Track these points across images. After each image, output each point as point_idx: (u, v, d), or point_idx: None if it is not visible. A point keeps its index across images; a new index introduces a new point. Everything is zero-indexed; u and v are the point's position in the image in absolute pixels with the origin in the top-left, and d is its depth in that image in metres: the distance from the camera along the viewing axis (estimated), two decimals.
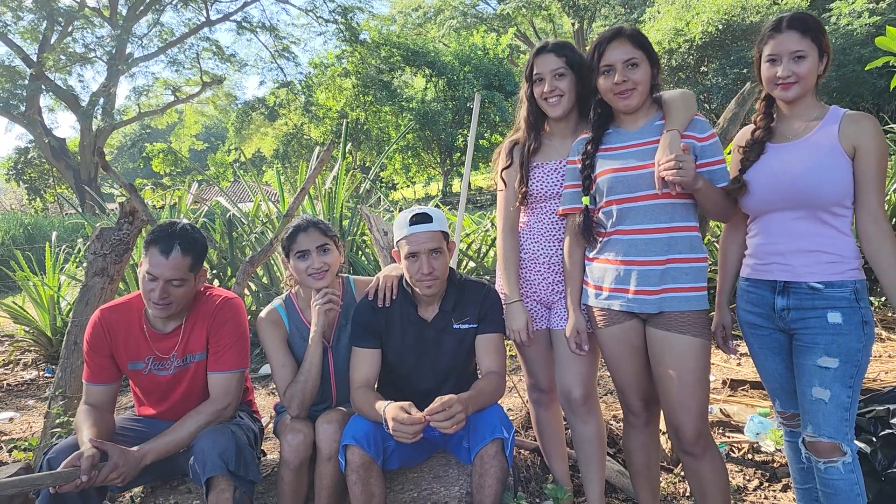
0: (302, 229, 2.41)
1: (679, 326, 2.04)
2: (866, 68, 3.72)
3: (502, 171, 2.48)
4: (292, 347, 2.49)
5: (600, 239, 2.16)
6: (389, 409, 2.09)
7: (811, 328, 1.92)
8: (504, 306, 2.42)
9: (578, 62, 2.28)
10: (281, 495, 2.29)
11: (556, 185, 2.36)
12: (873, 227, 1.90)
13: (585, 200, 2.16)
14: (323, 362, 2.41)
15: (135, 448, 2.10)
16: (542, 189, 2.38)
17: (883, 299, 4.99)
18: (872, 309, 4.94)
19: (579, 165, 2.20)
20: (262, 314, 2.49)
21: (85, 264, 3.71)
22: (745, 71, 16.48)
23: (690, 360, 2.03)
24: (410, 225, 2.27)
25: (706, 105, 17.71)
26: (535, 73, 2.32)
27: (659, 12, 18.63)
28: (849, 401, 1.88)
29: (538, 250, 2.41)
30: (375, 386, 2.44)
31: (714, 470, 2.10)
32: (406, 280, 2.39)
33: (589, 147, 2.18)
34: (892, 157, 5.78)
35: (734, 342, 2.29)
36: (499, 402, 2.34)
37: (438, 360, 2.39)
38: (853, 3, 14.66)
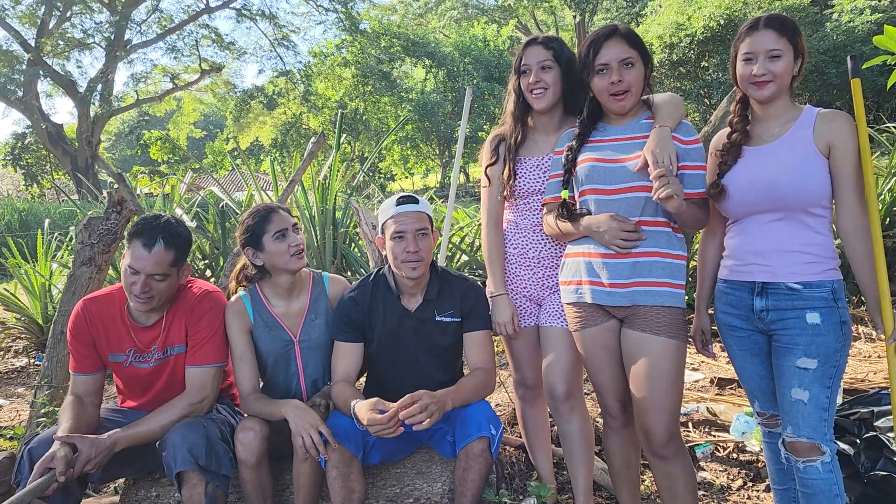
0: (272, 210, 2.40)
1: (654, 327, 2.02)
2: (863, 67, 3.68)
3: (486, 167, 2.48)
4: (256, 338, 2.45)
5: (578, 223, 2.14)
6: (359, 408, 2.08)
7: (790, 329, 1.92)
8: (490, 300, 2.42)
9: (567, 58, 2.29)
10: (246, 495, 2.26)
11: (538, 181, 2.36)
12: (852, 225, 1.91)
13: (564, 194, 2.16)
14: (290, 356, 2.45)
15: (105, 435, 2.09)
16: (524, 184, 2.38)
17: None
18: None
19: (564, 155, 2.20)
20: (229, 302, 2.47)
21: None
22: None
23: (664, 363, 2.02)
24: (397, 205, 2.29)
25: (706, 100, 17.62)
26: (522, 63, 2.33)
27: (660, 6, 18.52)
28: (827, 401, 1.89)
29: (526, 245, 2.41)
30: (360, 382, 2.42)
31: (684, 472, 2.10)
32: (389, 267, 2.37)
33: (574, 142, 2.18)
34: (887, 156, 5.77)
35: (712, 345, 2.30)
36: (486, 398, 2.33)
37: (420, 352, 2.37)
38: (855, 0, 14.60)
